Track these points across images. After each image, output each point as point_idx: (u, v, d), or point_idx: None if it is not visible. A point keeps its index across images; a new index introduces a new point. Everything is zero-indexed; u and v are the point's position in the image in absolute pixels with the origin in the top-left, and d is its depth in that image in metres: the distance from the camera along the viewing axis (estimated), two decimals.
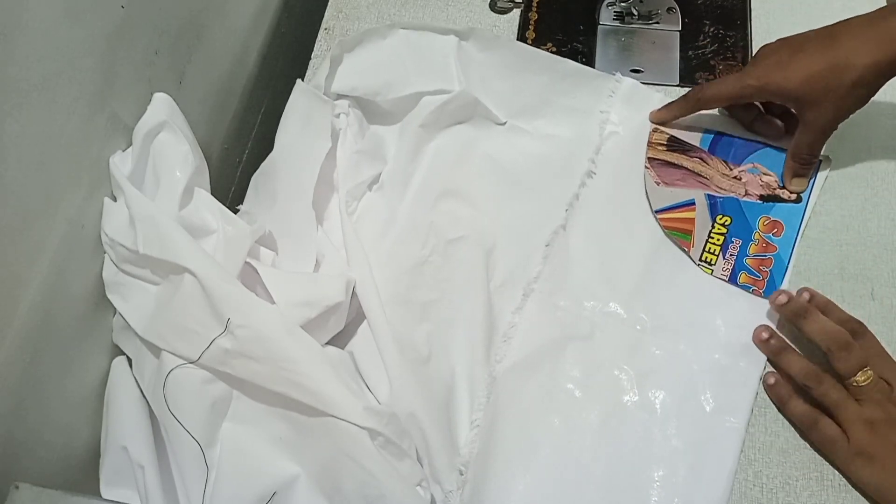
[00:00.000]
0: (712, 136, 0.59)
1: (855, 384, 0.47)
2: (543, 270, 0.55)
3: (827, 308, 0.51)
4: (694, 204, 0.56)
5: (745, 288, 0.54)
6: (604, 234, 0.57)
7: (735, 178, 0.57)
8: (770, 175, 0.57)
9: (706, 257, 0.55)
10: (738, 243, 0.55)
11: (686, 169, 0.58)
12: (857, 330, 0.49)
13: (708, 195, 0.57)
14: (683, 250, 0.55)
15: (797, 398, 0.49)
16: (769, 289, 0.53)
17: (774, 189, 0.57)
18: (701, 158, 0.58)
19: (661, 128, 0.60)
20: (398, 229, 0.57)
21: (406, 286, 0.55)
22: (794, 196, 0.57)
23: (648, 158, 0.59)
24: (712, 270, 0.54)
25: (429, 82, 0.60)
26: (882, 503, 0.46)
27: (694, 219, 0.56)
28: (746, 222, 0.56)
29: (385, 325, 0.52)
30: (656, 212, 0.56)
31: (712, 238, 0.55)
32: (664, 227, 0.56)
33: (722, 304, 0.53)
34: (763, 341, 0.51)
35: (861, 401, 0.47)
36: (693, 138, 0.60)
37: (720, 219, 0.56)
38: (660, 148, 0.59)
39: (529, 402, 0.51)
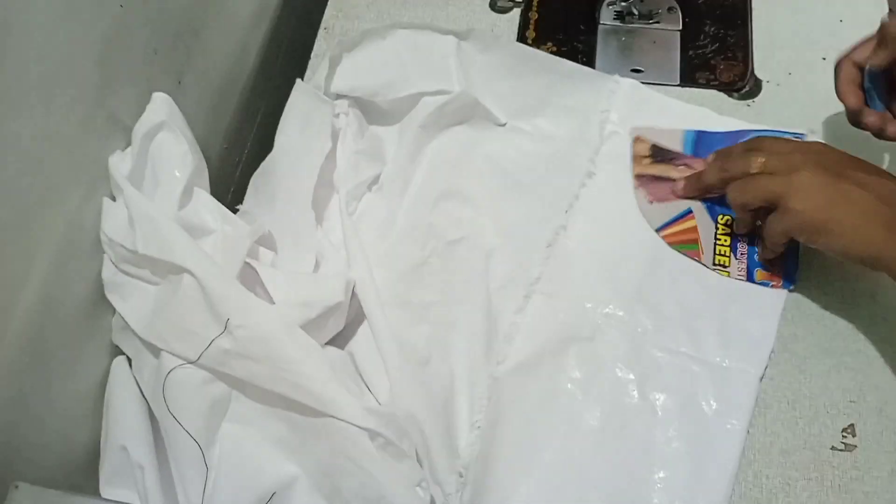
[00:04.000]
0: (693, 135, 0.59)
1: (759, 167, 0.48)
2: (544, 271, 0.55)
3: None
4: (692, 212, 0.56)
5: (763, 285, 0.53)
6: (605, 234, 0.57)
7: None
8: None
9: (719, 260, 0.54)
10: (746, 241, 0.55)
11: (675, 181, 0.57)
12: (752, 145, 0.51)
13: (703, 199, 0.56)
14: (696, 260, 0.54)
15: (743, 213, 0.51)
16: (787, 280, 0.53)
17: None
18: (686, 165, 0.58)
19: (643, 136, 0.59)
20: (398, 230, 0.57)
21: (406, 287, 0.55)
22: None
23: (636, 176, 0.58)
24: (728, 273, 0.54)
25: (428, 83, 0.60)
26: (823, 242, 0.46)
27: (696, 226, 0.55)
28: None
29: (385, 325, 0.52)
30: (657, 230, 0.56)
31: (719, 240, 0.55)
32: (670, 244, 0.55)
33: (724, 306, 0.53)
34: (681, 190, 0.55)
35: (772, 174, 0.48)
36: (674, 142, 0.59)
37: (722, 219, 0.55)
38: (645, 161, 0.58)
39: (530, 404, 0.51)
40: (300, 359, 0.45)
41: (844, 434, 0.49)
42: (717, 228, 0.55)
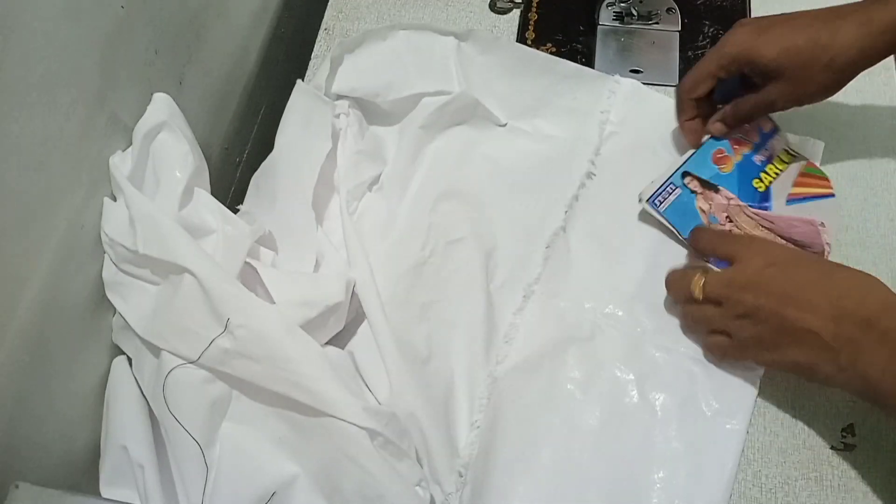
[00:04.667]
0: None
1: (700, 295, 0.48)
2: (544, 272, 0.55)
3: None
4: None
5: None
6: (604, 235, 0.57)
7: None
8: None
9: None
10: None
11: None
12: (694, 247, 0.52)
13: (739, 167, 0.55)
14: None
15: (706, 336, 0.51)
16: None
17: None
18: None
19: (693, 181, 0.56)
20: (398, 230, 0.58)
21: (406, 287, 0.55)
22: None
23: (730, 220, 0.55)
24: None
25: (429, 83, 0.60)
26: (805, 377, 0.46)
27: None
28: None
29: (385, 325, 0.52)
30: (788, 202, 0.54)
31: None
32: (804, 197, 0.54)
33: None
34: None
35: (719, 303, 0.47)
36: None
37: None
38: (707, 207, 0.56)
39: (530, 404, 0.51)
40: (300, 358, 0.45)
41: (844, 434, 0.49)
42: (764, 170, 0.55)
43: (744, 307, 0.46)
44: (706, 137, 0.56)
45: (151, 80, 0.52)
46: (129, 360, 0.50)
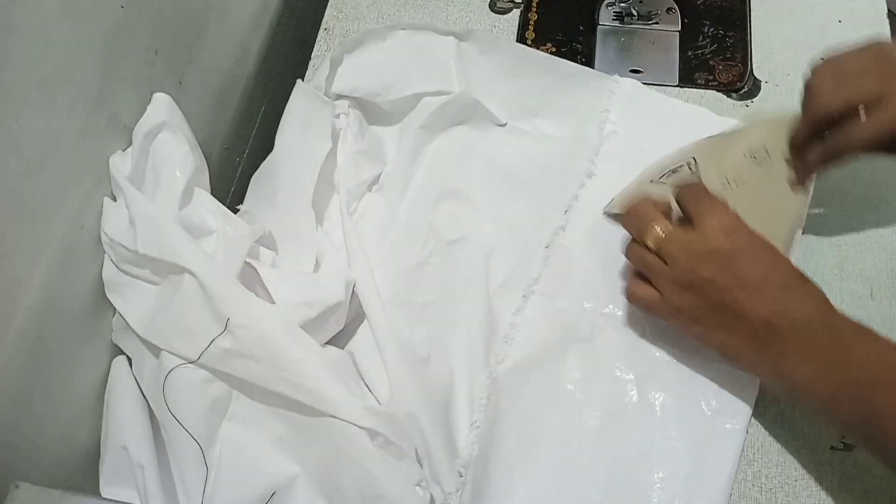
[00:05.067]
0: None
1: (655, 245, 0.46)
2: (543, 272, 0.55)
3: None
4: None
5: None
6: (603, 235, 0.57)
7: None
8: None
9: None
10: None
11: None
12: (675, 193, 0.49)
13: None
14: None
15: (635, 279, 0.49)
16: None
17: None
18: None
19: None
20: (398, 230, 0.58)
21: (405, 287, 0.55)
22: None
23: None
24: None
25: (429, 83, 0.60)
26: (726, 358, 0.47)
27: None
28: None
29: (385, 325, 0.52)
30: None
31: None
32: None
33: None
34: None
35: (667, 262, 0.46)
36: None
37: None
38: None
39: (530, 404, 0.51)
40: (300, 359, 0.45)
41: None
42: None
43: (691, 277, 0.45)
44: None
45: (151, 80, 0.52)
46: (129, 360, 0.50)
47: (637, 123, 0.60)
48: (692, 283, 0.45)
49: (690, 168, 0.55)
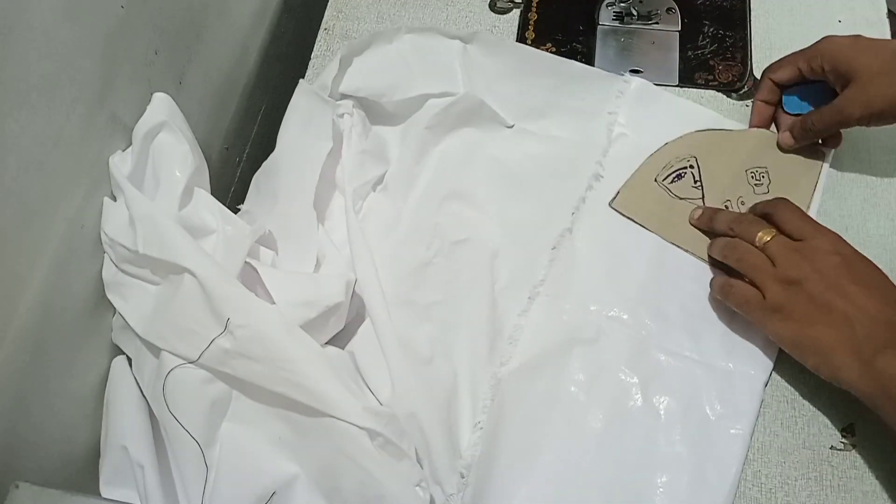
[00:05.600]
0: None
1: (761, 244, 0.49)
2: (549, 274, 0.55)
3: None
4: None
5: None
6: (610, 237, 0.56)
7: None
8: None
9: None
10: None
11: None
12: (767, 210, 0.51)
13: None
14: None
15: (721, 274, 0.52)
16: None
17: None
18: None
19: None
20: (402, 230, 0.57)
21: (409, 287, 0.55)
22: None
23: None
24: None
25: (434, 85, 0.60)
26: (797, 355, 0.47)
27: None
28: None
29: (389, 325, 0.52)
30: None
31: None
32: None
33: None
34: (695, 219, 0.55)
35: (774, 260, 0.48)
36: None
37: None
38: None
39: (533, 406, 0.51)
40: (300, 359, 0.45)
41: (844, 434, 0.49)
42: None
43: (799, 272, 0.47)
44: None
45: (151, 80, 0.52)
46: (129, 360, 0.50)
47: (646, 125, 0.60)
48: (799, 278, 0.47)
49: (694, 177, 0.57)
